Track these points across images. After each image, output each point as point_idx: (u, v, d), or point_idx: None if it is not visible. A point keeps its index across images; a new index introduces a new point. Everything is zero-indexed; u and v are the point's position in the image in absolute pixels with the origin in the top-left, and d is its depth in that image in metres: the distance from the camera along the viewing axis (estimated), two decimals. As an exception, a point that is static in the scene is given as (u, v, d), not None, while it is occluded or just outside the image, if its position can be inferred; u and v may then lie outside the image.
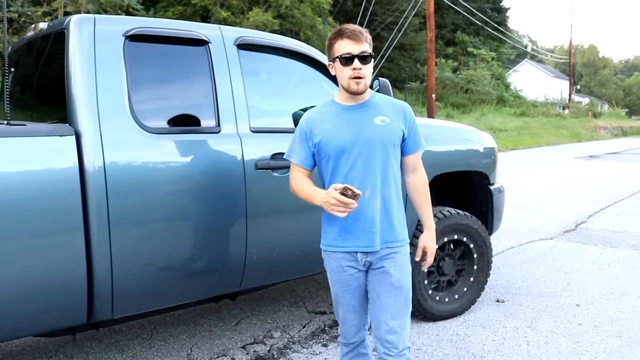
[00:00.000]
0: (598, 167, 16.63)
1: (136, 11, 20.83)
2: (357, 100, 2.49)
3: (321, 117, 2.51)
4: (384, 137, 2.45)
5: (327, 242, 2.56)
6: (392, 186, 2.49)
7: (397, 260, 2.50)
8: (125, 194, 2.79)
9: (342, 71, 2.42)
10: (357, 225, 2.44)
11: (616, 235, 7.21)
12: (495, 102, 39.21)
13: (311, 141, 2.49)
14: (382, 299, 2.49)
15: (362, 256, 2.48)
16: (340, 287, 2.56)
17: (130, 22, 3.04)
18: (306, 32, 26.96)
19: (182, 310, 4.41)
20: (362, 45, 2.40)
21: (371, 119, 2.46)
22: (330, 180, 2.47)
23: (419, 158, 2.64)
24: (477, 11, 39.92)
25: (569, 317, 4.38)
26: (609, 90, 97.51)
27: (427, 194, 2.66)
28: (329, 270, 2.60)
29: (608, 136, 38.65)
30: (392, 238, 2.50)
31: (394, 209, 2.50)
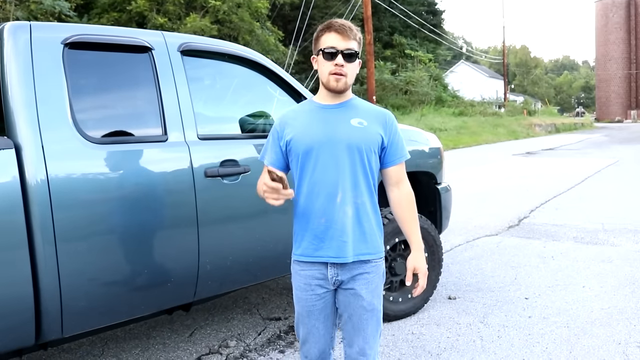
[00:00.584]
0: (535, 163, 17.19)
1: (69, 18, 20.28)
2: (337, 100, 2.33)
3: (294, 116, 2.38)
4: (359, 140, 2.27)
5: (299, 252, 2.36)
6: (365, 194, 2.31)
7: (370, 281, 2.33)
8: (70, 207, 2.68)
9: (324, 65, 2.27)
10: (329, 234, 2.27)
11: (557, 229, 7.45)
12: (434, 102, 40.03)
13: (282, 140, 2.34)
14: (354, 321, 2.35)
15: (332, 273, 2.30)
16: (305, 306, 2.37)
17: (69, 29, 2.93)
18: (245, 37, 26.86)
19: (133, 324, 4.28)
20: (349, 42, 2.25)
21: (347, 119, 2.30)
22: (299, 182, 2.32)
23: (402, 170, 2.44)
24: (413, 14, 40.70)
25: (518, 310, 4.48)
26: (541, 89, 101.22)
27: (413, 210, 2.46)
28: (295, 287, 2.41)
29: (543, 133, 40.01)
30: (365, 250, 2.31)
31: (368, 218, 2.32)
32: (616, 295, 4.77)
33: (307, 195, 2.29)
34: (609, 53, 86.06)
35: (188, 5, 26.22)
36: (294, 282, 2.42)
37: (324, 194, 2.27)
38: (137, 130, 3.09)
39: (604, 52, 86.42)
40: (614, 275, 5.31)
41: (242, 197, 3.34)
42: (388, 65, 39.75)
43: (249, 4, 26.79)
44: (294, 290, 2.43)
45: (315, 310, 2.36)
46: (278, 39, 30.09)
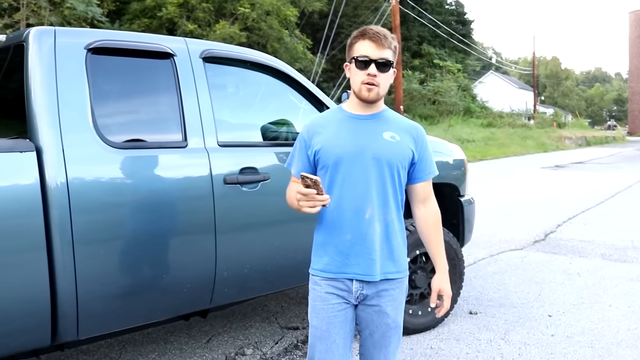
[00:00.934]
0: (564, 176, 16.91)
1: (101, 23, 20.62)
2: (368, 111, 2.24)
3: (324, 124, 2.27)
4: (391, 154, 2.19)
5: (319, 268, 2.25)
6: (394, 210, 2.23)
7: (395, 298, 2.26)
8: (89, 211, 2.69)
9: (356, 75, 2.17)
10: (355, 250, 2.18)
11: (585, 245, 7.30)
12: (463, 113, 39.72)
13: (310, 150, 2.23)
14: (375, 338, 2.28)
15: (357, 287, 2.21)
16: (325, 318, 2.22)
17: (92, 35, 2.95)
18: (273, 45, 27.01)
19: (151, 329, 4.28)
20: (384, 51, 2.14)
21: (380, 132, 2.21)
22: (330, 195, 2.15)
23: (430, 187, 2.36)
24: (442, 23, 40.47)
25: (541, 328, 4.38)
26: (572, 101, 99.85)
27: (439, 229, 2.39)
28: (313, 299, 2.28)
29: (573, 146, 39.42)
30: (393, 269, 2.24)
31: (396, 236, 2.24)
32: (644, 315, 4.64)
33: (334, 209, 2.19)
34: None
35: (218, 13, 26.49)
36: (311, 294, 2.30)
37: (351, 208, 2.18)
38: (157, 136, 3.10)
39: (637, 64, 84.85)
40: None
41: (261, 204, 3.32)
42: (416, 74, 39.61)
43: (278, 12, 26.95)
44: (311, 303, 2.30)
45: (336, 323, 2.23)
46: (306, 47, 30.19)
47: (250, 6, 25.67)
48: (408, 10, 33.53)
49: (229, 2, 26.42)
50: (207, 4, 25.53)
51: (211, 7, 25.77)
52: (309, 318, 2.32)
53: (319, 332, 2.25)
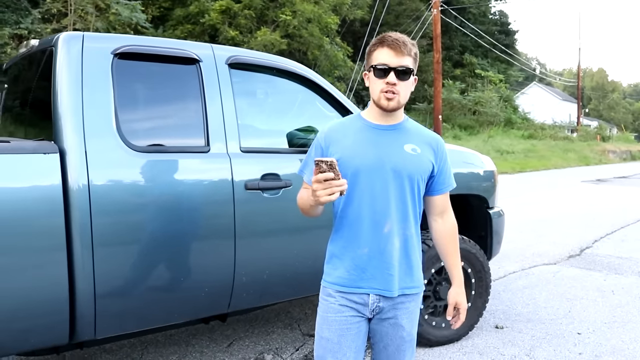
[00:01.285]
0: (605, 191, 16.48)
1: (145, 29, 21.05)
2: (389, 121, 2.17)
3: (343, 132, 2.19)
4: (413, 168, 2.14)
5: (332, 281, 2.18)
6: (413, 225, 2.18)
7: (411, 311, 2.22)
8: (109, 213, 2.74)
9: (375, 83, 2.10)
10: (373, 264, 2.12)
11: (621, 262, 7.09)
12: (503, 124, 39.16)
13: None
14: (389, 351, 2.23)
15: (374, 300, 2.15)
16: (337, 330, 2.14)
17: (119, 40, 3.02)
18: (314, 52, 27.12)
19: (173, 330, 4.33)
20: (403, 59, 2.07)
21: (401, 145, 2.15)
22: (345, 206, 2.14)
23: (448, 200, 2.32)
24: (485, 34, 40.04)
25: (569, 345, 4.26)
26: (618, 114, 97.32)
27: (456, 242, 2.35)
28: (324, 310, 2.19)
29: (616, 160, 38.42)
30: (410, 284, 2.19)
31: (414, 251, 2.20)
32: (678, 336, 4.47)
33: (351, 222, 2.14)
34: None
35: (259, 20, 26.74)
36: (323, 306, 2.21)
37: (369, 221, 2.12)
38: (180, 141, 3.14)
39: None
40: (678, 315, 4.99)
41: (282, 211, 3.33)
42: (457, 84, 39.23)
43: (319, 20, 27.05)
44: (322, 315, 2.21)
45: (348, 336, 2.15)
46: (347, 55, 30.22)
47: (291, 13, 25.85)
48: (450, 19, 33.27)
49: (270, 10, 26.65)
50: (249, 11, 25.81)
51: (253, 14, 26.04)
52: (317, 329, 2.23)
53: (330, 345, 2.16)
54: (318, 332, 2.22)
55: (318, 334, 2.22)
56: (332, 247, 2.24)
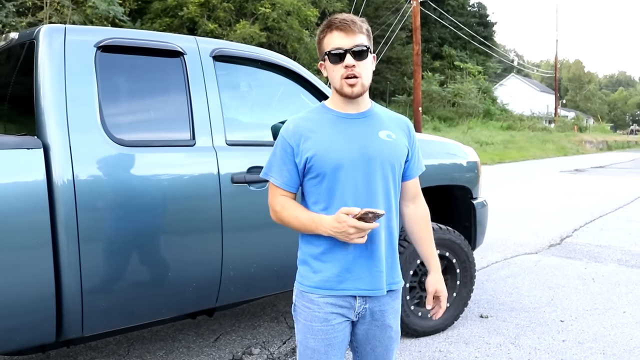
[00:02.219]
0: (583, 181, 16.70)
1: (122, 23, 20.80)
2: (357, 108, 2.03)
3: (311, 127, 2.00)
4: (392, 155, 2.02)
5: (314, 284, 2.01)
6: (395, 216, 2.07)
7: (396, 309, 2.12)
8: (95, 209, 2.71)
9: (333, 70, 1.96)
10: (360, 263, 1.98)
11: (601, 250, 7.20)
12: (482, 115, 39.49)
13: (299, 157, 1.98)
14: (377, 352, 2.12)
15: (360, 302, 2.02)
16: (324, 340, 2.01)
17: (102, 33, 2.97)
18: (293, 45, 27.06)
19: (159, 326, 4.31)
20: (356, 37, 1.93)
21: (375, 132, 2.02)
22: (327, 205, 1.98)
23: (419, 184, 2.20)
24: (463, 25, 40.24)
25: (552, 333, 4.32)
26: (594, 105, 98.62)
27: (430, 228, 2.23)
28: (308, 318, 2.03)
29: (593, 150, 38.97)
30: (396, 279, 2.10)
31: (396, 243, 2.08)
32: (658, 322, 4.56)
33: None
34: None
35: (238, 12, 26.61)
36: (305, 314, 2.04)
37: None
38: (165, 134, 3.11)
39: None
40: (657, 302, 5.08)
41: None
42: (436, 76, 39.42)
43: (298, 12, 27.01)
44: (305, 323, 2.05)
45: (335, 344, 2.03)
46: (326, 48, 30.18)
47: (271, 6, 25.76)
48: (429, 11, 33.37)
49: (249, 2, 26.53)
50: (228, 4, 25.67)
51: (232, 7, 25.90)
52: (300, 338, 2.08)
53: (316, 355, 2.03)
54: (302, 342, 2.08)
55: (302, 343, 2.08)
56: (308, 248, 2.06)
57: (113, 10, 19.92)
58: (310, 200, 2.05)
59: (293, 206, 2.04)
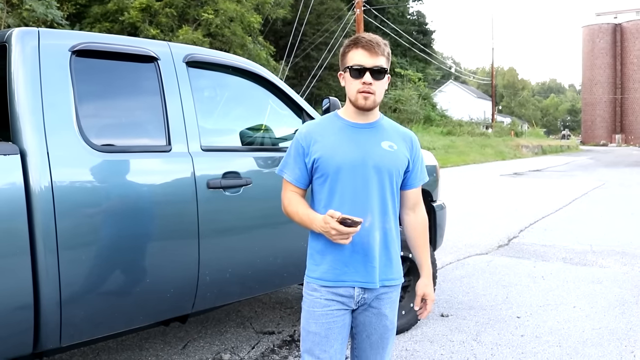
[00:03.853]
0: (523, 184, 17.33)
1: (61, 26, 20.19)
2: (366, 119, 2.25)
3: (321, 132, 2.24)
4: (391, 164, 2.22)
5: (317, 276, 2.23)
6: (392, 219, 2.26)
7: (393, 301, 2.31)
8: (74, 215, 2.66)
9: (351, 84, 2.18)
10: (355, 258, 2.19)
11: (546, 249, 7.51)
12: (423, 121, 40.31)
13: (308, 157, 2.22)
14: (372, 340, 2.30)
15: (359, 292, 2.22)
16: (324, 324, 2.20)
17: (76, 37, 2.93)
18: (237, 51, 26.90)
19: (126, 336, 4.24)
20: (377, 59, 2.16)
21: (378, 141, 2.23)
22: (327, 203, 2.19)
23: (420, 194, 2.41)
24: (404, 33, 41.01)
25: (511, 329, 4.50)
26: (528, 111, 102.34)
27: (427, 235, 2.44)
28: (311, 305, 2.24)
29: (530, 154, 40.40)
30: (390, 275, 2.27)
31: (394, 244, 2.27)
32: (606, 316, 4.81)
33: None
34: (595, 77, 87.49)
35: (181, 18, 26.27)
36: (308, 301, 2.26)
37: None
38: (142, 140, 3.10)
39: (590, 77, 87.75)
40: (603, 296, 5.36)
41: (244, 209, 3.35)
42: (378, 83, 39.90)
43: (241, 19, 26.86)
44: (308, 310, 2.26)
45: (335, 328, 2.22)
46: (270, 54, 30.19)
47: (214, 12, 25.53)
48: (371, 18, 33.87)
49: (192, 8, 26.24)
50: (170, 9, 25.29)
51: (174, 13, 25.54)
52: (304, 324, 2.27)
53: (317, 338, 2.21)
54: (304, 327, 2.26)
55: (305, 328, 2.26)
56: (314, 242, 2.27)
57: (51, 13, 19.30)
58: (316, 198, 2.27)
59: (297, 202, 2.27)
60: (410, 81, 42.86)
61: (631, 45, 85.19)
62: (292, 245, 3.49)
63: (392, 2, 45.37)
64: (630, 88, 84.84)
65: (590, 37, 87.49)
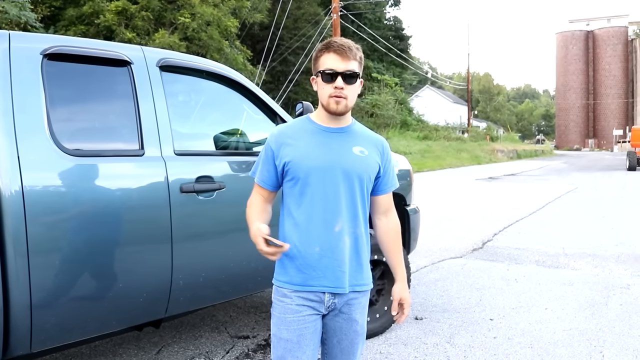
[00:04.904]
0: (498, 188, 17.53)
1: (35, 29, 19.97)
2: (338, 124, 2.24)
3: (293, 135, 2.23)
4: (362, 169, 2.21)
5: (286, 280, 2.21)
6: (362, 225, 2.25)
7: (363, 306, 2.30)
8: (45, 220, 2.65)
9: (323, 88, 2.17)
10: (324, 263, 2.17)
11: (520, 252, 7.62)
12: (400, 126, 40.54)
13: (279, 160, 2.20)
14: (343, 345, 2.28)
15: (329, 297, 2.19)
16: (296, 330, 2.17)
17: (48, 40, 2.91)
18: (213, 55, 26.81)
19: (99, 341, 4.20)
20: (349, 63, 2.15)
21: (350, 147, 2.22)
22: (297, 207, 2.19)
23: (391, 199, 2.40)
24: (380, 38, 41.26)
25: (484, 331, 4.56)
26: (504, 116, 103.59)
27: (400, 239, 2.42)
28: (281, 311, 2.21)
29: (505, 159, 40.88)
30: (361, 281, 2.26)
31: (364, 249, 2.26)
32: (577, 317, 4.89)
33: (302, 222, 2.18)
34: (568, 83, 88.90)
35: (157, 21, 26.12)
36: (279, 307, 2.23)
37: (321, 221, 2.16)
38: (114, 144, 3.09)
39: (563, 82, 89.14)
40: (574, 298, 5.45)
41: (217, 213, 3.36)
42: (354, 87, 40.07)
43: (218, 23, 26.80)
44: (278, 316, 2.22)
45: (307, 334, 2.19)
46: (246, 58, 30.15)
47: (190, 16, 25.44)
48: (348, 24, 34.03)
49: (168, 11, 26.10)
50: (147, 13, 25.14)
51: (151, 16, 25.39)
52: (275, 331, 2.23)
53: (289, 345, 2.18)
54: (276, 334, 2.23)
55: (276, 335, 2.23)
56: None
57: (25, 16, 19.10)
58: (286, 201, 2.25)
59: (255, 205, 2.29)
60: (387, 86, 43.11)
61: (603, 51, 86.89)
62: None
63: (369, 7, 45.64)
64: (602, 94, 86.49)
65: (564, 43, 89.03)
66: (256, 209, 2.27)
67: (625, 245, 8.08)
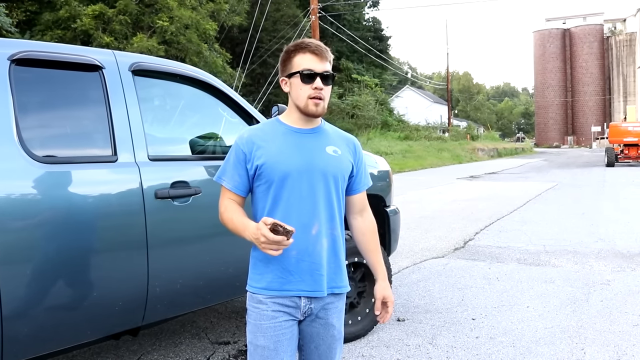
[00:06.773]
0: (479, 186, 17.63)
1: (10, 34, 19.70)
2: (309, 125, 2.21)
3: (264, 137, 2.16)
4: (336, 169, 2.18)
5: (262, 286, 2.15)
6: (339, 225, 2.21)
7: (340, 309, 2.27)
8: (15, 229, 2.58)
9: (300, 89, 2.12)
10: (302, 266, 2.12)
11: (501, 251, 7.65)
12: (380, 126, 40.67)
13: (250, 163, 2.13)
14: (321, 350, 2.24)
15: (305, 303, 2.15)
16: (272, 337, 2.12)
17: (16, 45, 2.84)
18: (192, 58, 26.67)
19: (77, 351, 4.13)
20: (326, 64, 2.15)
21: (323, 147, 2.19)
22: (271, 211, 2.12)
23: (366, 198, 2.37)
24: (360, 39, 41.35)
25: (466, 331, 4.55)
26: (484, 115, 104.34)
27: (377, 238, 2.39)
28: (257, 317, 2.16)
29: (485, 157, 41.18)
30: (340, 283, 2.23)
31: (341, 250, 2.23)
32: (558, 314, 4.91)
33: None
34: (546, 81, 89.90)
35: (135, 25, 25.90)
36: (254, 314, 2.17)
37: (298, 224, 2.07)
38: (86, 150, 3.02)
39: (542, 80, 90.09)
40: (556, 296, 5.47)
41: (193, 219, 3.30)
42: (335, 89, 40.16)
43: (197, 26, 26.66)
44: (254, 323, 2.17)
45: (284, 341, 2.14)
46: (226, 61, 30.02)
47: (168, 19, 25.26)
48: (327, 25, 34.05)
49: (146, 15, 25.90)
50: (124, 17, 24.90)
51: (128, 20, 25.15)
52: (251, 338, 2.18)
53: (266, 352, 2.13)
54: (252, 341, 2.18)
55: (252, 343, 2.17)
56: (256, 252, 2.17)
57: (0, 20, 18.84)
58: (259, 206, 2.19)
59: (233, 209, 2.17)
60: (367, 87, 43.24)
61: (579, 49, 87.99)
62: (243, 253, 3.41)
63: (348, 8, 45.71)
64: (580, 91, 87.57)
65: (541, 41, 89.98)
66: (238, 211, 2.16)
67: (604, 242, 8.15)
